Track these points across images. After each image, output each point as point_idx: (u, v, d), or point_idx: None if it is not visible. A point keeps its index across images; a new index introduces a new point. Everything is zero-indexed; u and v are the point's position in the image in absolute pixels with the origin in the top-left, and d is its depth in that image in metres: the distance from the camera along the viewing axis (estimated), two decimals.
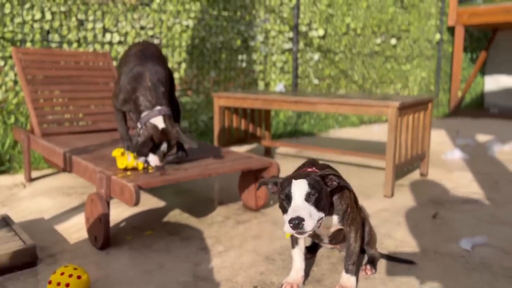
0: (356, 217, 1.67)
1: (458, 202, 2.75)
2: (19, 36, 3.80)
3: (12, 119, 3.84)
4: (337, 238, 1.74)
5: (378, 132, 5.91)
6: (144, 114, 2.14)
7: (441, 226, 2.33)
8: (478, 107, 8.44)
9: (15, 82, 3.84)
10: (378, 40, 7.02)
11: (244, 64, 5.41)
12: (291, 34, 5.76)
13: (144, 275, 1.79)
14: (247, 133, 4.10)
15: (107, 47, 4.32)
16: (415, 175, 3.51)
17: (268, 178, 1.58)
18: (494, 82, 8.61)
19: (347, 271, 1.66)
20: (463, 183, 3.21)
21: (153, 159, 2.14)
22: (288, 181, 1.47)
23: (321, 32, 6.08)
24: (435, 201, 2.78)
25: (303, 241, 1.73)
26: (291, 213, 1.38)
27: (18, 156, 3.62)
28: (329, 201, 1.52)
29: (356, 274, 1.73)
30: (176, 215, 2.51)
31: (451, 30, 8.29)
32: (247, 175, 2.56)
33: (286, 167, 3.66)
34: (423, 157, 3.36)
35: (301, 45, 5.96)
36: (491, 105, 8.52)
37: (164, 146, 2.12)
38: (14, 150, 3.74)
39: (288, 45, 5.76)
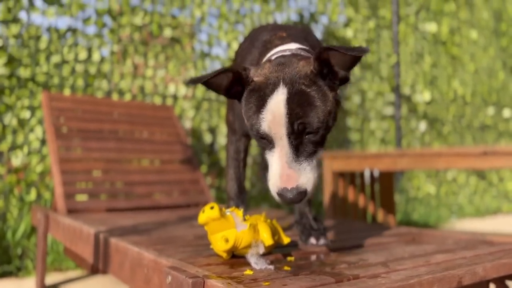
0: None
1: None
2: (56, 81, 2.77)
3: (33, 195, 2.65)
4: None
5: None
6: None
7: None
8: None
9: (43, 143, 2.72)
10: (491, 111, 5.69)
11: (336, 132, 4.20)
12: (391, 97, 4.57)
13: None
14: (365, 214, 2.80)
15: (169, 101, 3.24)
16: None
17: None
18: None
19: None
20: None
21: None
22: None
23: (427, 96, 4.86)
24: None
25: None
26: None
27: (34, 250, 2.40)
28: None
29: None
30: None
31: None
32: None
33: None
34: None
35: (404, 111, 4.72)
36: None
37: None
38: (29, 240, 2.51)
39: (389, 111, 4.53)
